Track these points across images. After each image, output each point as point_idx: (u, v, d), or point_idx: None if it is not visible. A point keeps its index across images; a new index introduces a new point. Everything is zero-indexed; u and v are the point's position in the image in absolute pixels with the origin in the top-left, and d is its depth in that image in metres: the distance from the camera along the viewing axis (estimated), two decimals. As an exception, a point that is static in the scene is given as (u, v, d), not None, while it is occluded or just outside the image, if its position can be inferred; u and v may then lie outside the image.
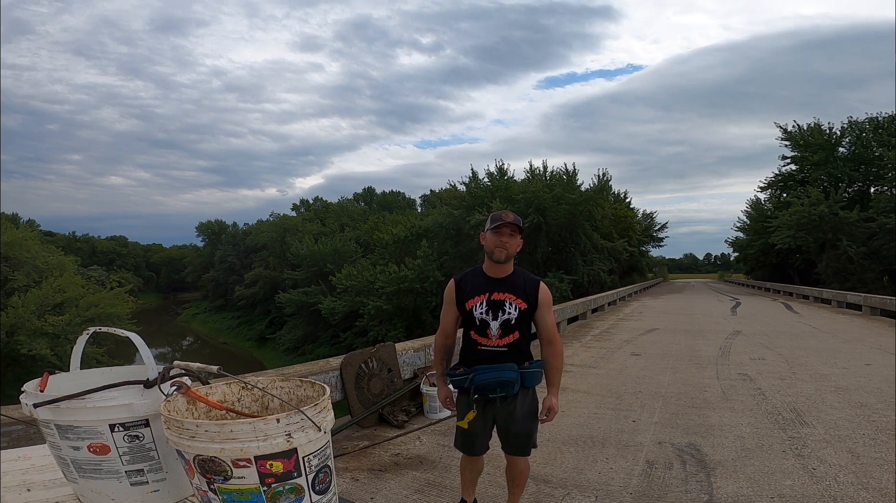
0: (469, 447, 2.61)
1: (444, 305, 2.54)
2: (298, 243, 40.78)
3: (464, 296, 2.44)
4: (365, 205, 57.33)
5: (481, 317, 2.40)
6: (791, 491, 3.26)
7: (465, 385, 2.41)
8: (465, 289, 2.45)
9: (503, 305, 2.40)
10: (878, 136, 32.44)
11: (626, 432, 4.50)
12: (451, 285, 2.50)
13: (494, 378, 2.34)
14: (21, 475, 1.70)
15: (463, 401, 2.50)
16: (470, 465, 2.71)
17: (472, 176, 31.77)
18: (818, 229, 29.62)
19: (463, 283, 2.47)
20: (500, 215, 2.41)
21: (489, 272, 2.46)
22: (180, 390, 1.50)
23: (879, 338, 10.70)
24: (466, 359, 2.47)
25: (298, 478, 1.32)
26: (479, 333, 2.41)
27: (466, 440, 2.58)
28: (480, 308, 2.41)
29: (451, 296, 2.49)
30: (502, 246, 2.38)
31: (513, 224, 2.37)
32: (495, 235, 2.39)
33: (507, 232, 2.38)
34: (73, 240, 71.07)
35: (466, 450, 2.63)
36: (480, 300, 2.41)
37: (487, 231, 2.43)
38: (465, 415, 2.40)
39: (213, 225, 67.13)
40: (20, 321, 19.06)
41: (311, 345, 33.83)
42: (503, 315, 2.40)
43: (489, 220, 2.44)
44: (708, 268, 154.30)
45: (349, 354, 4.87)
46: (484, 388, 2.36)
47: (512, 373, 2.37)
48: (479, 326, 2.41)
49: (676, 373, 7.01)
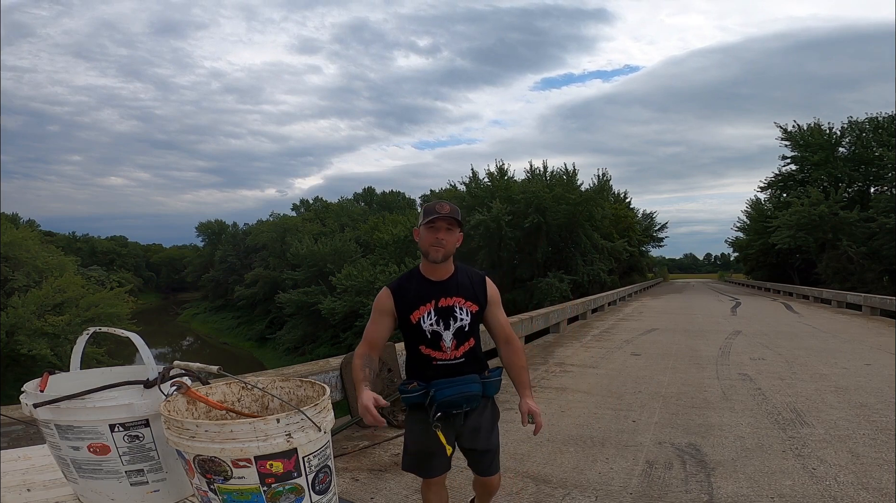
0: (427, 468, 2.16)
1: (375, 316, 2.13)
2: (298, 243, 40.81)
3: (406, 307, 2.08)
4: (365, 205, 57.35)
5: (432, 328, 2.07)
6: (791, 491, 3.26)
7: (424, 402, 2.06)
8: (405, 297, 2.09)
9: (453, 311, 2.08)
10: (878, 136, 32.47)
11: (626, 432, 4.50)
12: (386, 294, 2.11)
13: (459, 393, 2.04)
14: (21, 475, 1.70)
15: (415, 419, 2.14)
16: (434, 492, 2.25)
17: (472, 176, 31.86)
18: (818, 229, 29.64)
19: (402, 292, 2.10)
20: (434, 206, 2.04)
21: (429, 275, 2.10)
22: (180, 390, 1.50)
23: (879, 338, 10.70)
24: (421, 376, 2.12)
25: (298, 478, 1.32)
26: (432, 347, 2.08)
27: (422, 459, 2.15)
28: (429, 319, 2.07)
29: (387, 307, 2.10)
30: (438, 244, 2.02)
31: (449, 217, 2.02)
32: (430, 232, 2.02)
33: (443, 226, 2.02)
34: (73, 240, 71.06)
35: (424, 473, 2.18)
36: (427, 309, 2.07)
37: (421, 226, 2.05)
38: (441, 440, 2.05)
39: (213, 225, 67.13)
40: (20, 321, 19.06)
41: (311, 346, 33.84)
42: (455, 322, 2.08)
43: (422, 214, 2.07)
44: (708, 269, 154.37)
45: (349, 354, 4.87)
46: (449, 405, 2.03)
47: (476, 386, 2.08)
48: (431, 339, 2.07)
49: (676, 374, 7.01)
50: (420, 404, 2.09)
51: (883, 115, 32.73)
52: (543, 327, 11.01)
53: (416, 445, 2.17)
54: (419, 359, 2.12)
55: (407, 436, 2.22)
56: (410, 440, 2.20)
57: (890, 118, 32.11)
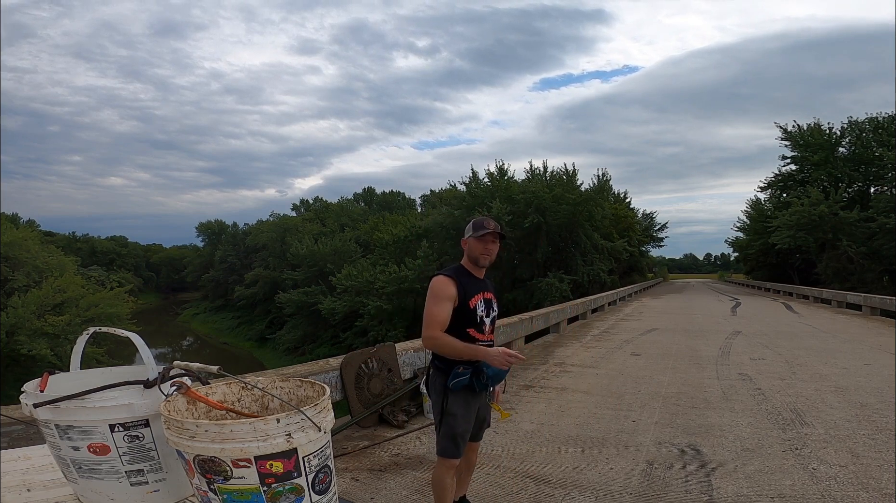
0: (462, 448, 2.53)
1: (441, 300, 2.46)
2: (298, 243, 40.80)
3: (466, 295, 2.48)
4: (365, 205, 57.32)
5: (482, 314, 2.52)
6: (791, 491, 3.26)
7: (481, 380, 2.42)
8: (464, 286, 2.49)
9: (492, 304, 2.60)
10: (878, 136, 32.47)
11: (626, 432, 4.50)
12: (450, 282, 2.47)
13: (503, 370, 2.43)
14: (21, 475, 1.70)
15: (461, 401, 2.47)
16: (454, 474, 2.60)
17: (472, 176, 31.81)
18: (818, 229, 29.64)
19: (461, 282, 2.50)
20: (483, 222, 2.52)
21: (474, 273, 2.58)
22: (180, 390, 1.50)
23: (879, 338, 10.70)
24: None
25: (298, 478, 1.32)
26: (478, 330, 2.51)
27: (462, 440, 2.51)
28: (481, 306, 2.53)
29: (451, 293, 2.47)
30: (488, 253, 2.52)
31: (497, 232, 2.51)
32: (480, 243, 2.51)
33: (490, 239, 2.51)
34: (73, 240, 71.01)
35: (460, 453, 2.52)
36: (479, 299, 2.52)
37: (470, 237, 2.53)
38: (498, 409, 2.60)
39: (213, 225, 67.11)
40: (20, 321, 19.06)
41: (311, 346, 33.83)
42: (493, 312, 2.60)
43: (472, 227, 2.54)
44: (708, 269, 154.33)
45: (349, 354, 4.87)
46: (497, 379, 2.46)
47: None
48: (479, 323, 2.51)
49: (676, 374, 7.01)
50: (466, 386, 2.43)
51: (883, 115, 32.77)
52: (543, 327, 11.00)
53: (462, 426, 2.48)
54: (464, 339, 2.46)
55: (451, 422, 2.47)
56: (457, 424, 2.47)
57: (890, 118, 32.11)
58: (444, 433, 2.48)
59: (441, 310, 2.46)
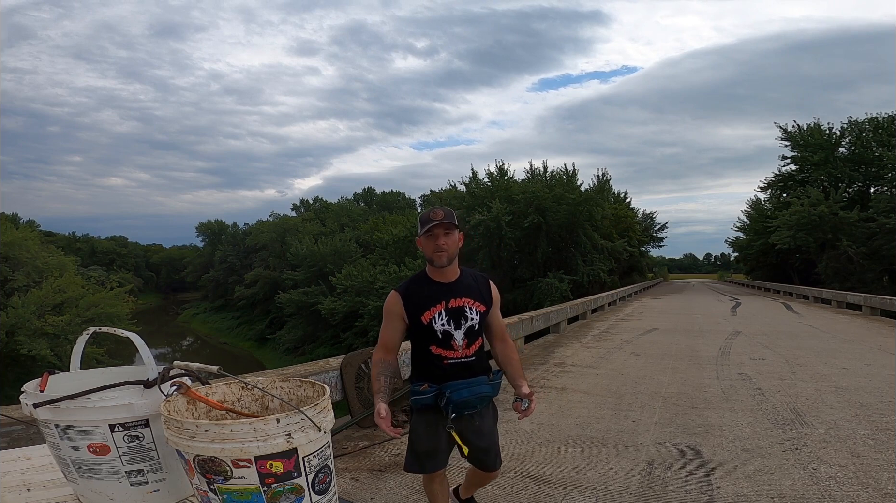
0: (432, 465, 2.27)
1: (386, 320, 2.20)
2: (298, 243, 40.85)
3: (416, 309, 2.15)
4: (365, 205, 57.35)
5: (443, 328, 2.14)
6: (791, 491, 3.26)
7: (436, 404, 2.14)
8: (414, 300, 2.16)
9: (464, 311, 2.17)
10: (878, 136, 32.51)
11: (626, 432, 4.50)
12: (396, 298, 2.17)
13: (473, 394, 2.12)
14: (21, 475, 1.70)
15: (423, 420, 2.21)
16: (438, 483, 2.36)
17: (472, 176, 31.85)
18: (818, 229, 29.65)
19: (410, 295, 2.17)
20: (429, 215, 2.13)
21: (437, 277, 2.19)
22: (180, 390, 1.50)
23: (879, 338, 10.70)
24: (431, 376, 2.18)
25: (298, 478, 1.32)
26: (444, 346, 2.15)
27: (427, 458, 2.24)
28: (440, 319, 2.15)
29: (397, 311, 2.17)
30: (440, 249, 2.11)
31: (444, 222, 2.10)
32: (430, 239, 2.12)
33: (440, 233, 2.11)
34: (73, 240, 71.06)
35: (429, 468, 2.27)
36: (438, 310, 2.15)
37: (421, 236, 2.15)
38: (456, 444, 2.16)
39: (213, 225, 67.18)
40: (20, 321, 19.07)
41: (311, 346, 33.86)
42: (466, 322, 2.17)
43: (419, 224, 2.17)
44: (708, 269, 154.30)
45: (349, 354, 4.88)
46: (464, 406, 2.12)
47: (488, 388, 2.18)
48: (443, 339, 2.15)
49: (676, 374, 7.01)
50: (430, 406, 2.16)
51: (883, 116, 32.81)
52: (543, 327, 11.00)
53: (423, 446, 2.23)
54: (429, 358, 2.18)
55: (412, 438, 2.26)
56: (417, 442, 2.25)
57: (890, 118, 32.15)
58: (407, 446, 2.30)
59: (385, 331, 2.21)
